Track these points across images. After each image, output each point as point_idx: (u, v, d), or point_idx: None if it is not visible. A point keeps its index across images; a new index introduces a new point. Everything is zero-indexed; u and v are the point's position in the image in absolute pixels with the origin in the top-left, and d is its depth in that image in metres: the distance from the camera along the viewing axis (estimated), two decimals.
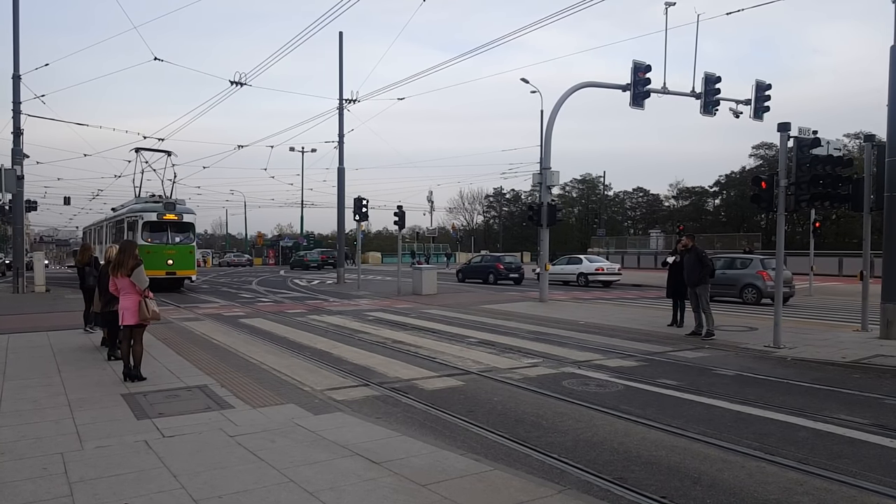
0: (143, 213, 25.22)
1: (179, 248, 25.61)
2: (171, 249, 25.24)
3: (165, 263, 24.85)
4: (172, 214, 25.63)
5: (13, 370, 8.97)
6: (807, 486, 5.01)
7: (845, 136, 59.58)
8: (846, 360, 10.29)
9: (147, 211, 25.50)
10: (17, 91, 24.20)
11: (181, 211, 26.24)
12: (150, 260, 21.17)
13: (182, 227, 26.15)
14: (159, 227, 25.47)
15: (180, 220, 25.91)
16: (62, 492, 4.53)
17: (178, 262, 25.38)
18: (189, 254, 25.99)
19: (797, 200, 11.67)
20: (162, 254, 24.76)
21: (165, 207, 25.64)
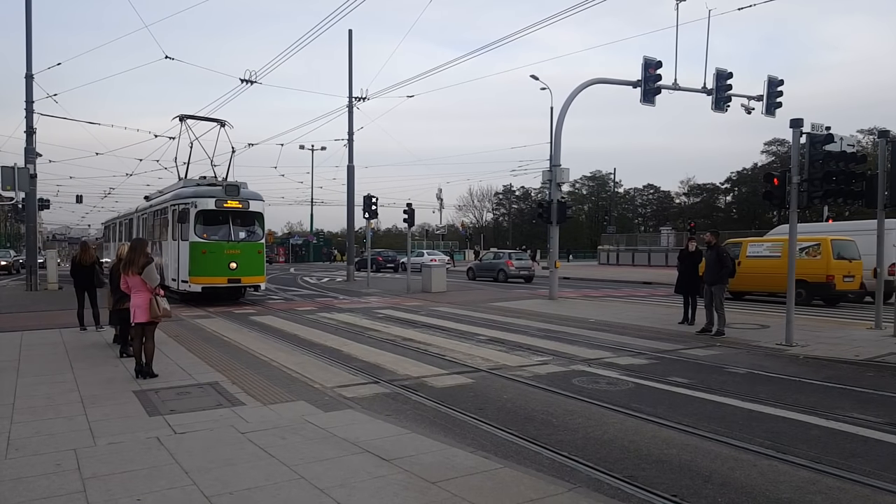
0: (196, 200, 18.74)
1: (245, 246, 19.05)
2: (233, 248, 18.71)
3: (227, 267, 18.44)
4: (235, 201, 19.17)
5: (27, 367, 9.05)
6: (819, 485, 4.97)
7: (859, 132, 59.17)
8: (860, 358, 10.20)
9: (202, 196, 18.95)
10: (29, 90, 24.39)
11: (247, 196, 19.58)
12: (206, 263, 18.53)
13: (248, 219, 19.70)
14: (218, 217, 19.21)
15: (246, 208, 19.34)
16: (75, 487, 4.56)
17: (243, 266, 18.79)
18: (257, 254, 19.39)
19: (810, 197, 11.58)
20: (222, 255, 18.55)
21: (226, 192, 19.07)
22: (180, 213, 19.17)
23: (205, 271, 18.44)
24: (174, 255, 19.58)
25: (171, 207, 20.26)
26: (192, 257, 18.54)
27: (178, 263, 19.14)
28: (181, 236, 19.08)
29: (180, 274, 19.11)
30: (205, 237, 18.72)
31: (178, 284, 19.29)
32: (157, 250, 21.50)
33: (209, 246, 18.62)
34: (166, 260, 20.56)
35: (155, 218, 22.90)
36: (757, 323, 14.49)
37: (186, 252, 18.69)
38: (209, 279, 18.51)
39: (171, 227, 20.04)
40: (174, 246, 19.69)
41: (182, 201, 19.35)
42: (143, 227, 25.20)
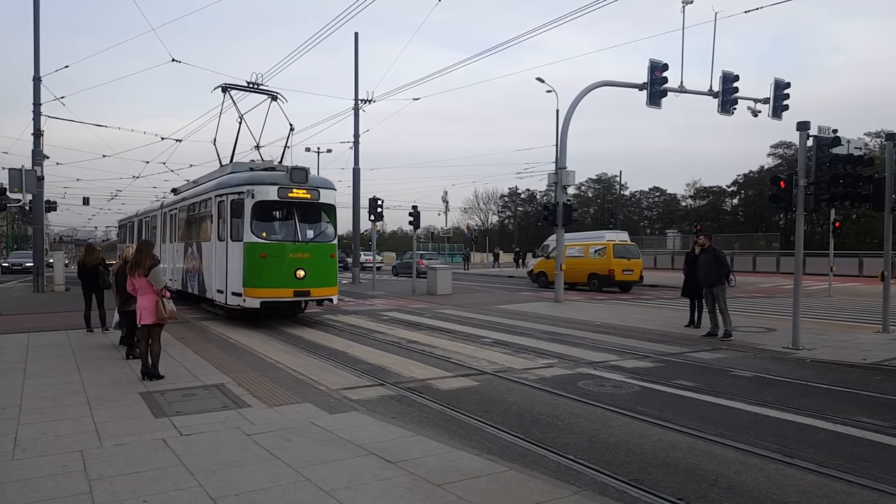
0: (253, 188, 14.18)
1: (315, 248, 14.53)
2: (301, 251, 14.25)
3: (293, 276, 14.03)
4: (303, 190, 14.53)
5: (34, 368, 9.08)
6: (826, 490, 4.95)
7: (866, 135, 58.91)
8: (867, 361, 10.16)
9: (261, 183, 14.32)
10: (37, 93, 24.47)
11: (317, 184, 15.02)
12: (266, 270, 13.88)
13: (318, 212, 15.18)
14: (281, 211, 15.16)
15: (315, 199, 14.81)
16: (82, 489, 4.58)
17: (312, 273, 14.28)
18: (329, 259, 14.94)
19: (817, 200, 11.54)
20: (286, 259, 14.07)
21: (292, 177, 14.46)
22: (231, 206, 14.53)
23: (265, 281, 13.92)
24: (219, 261, 15.04)
25: (215, 199, 15.48)
26: (249, 263, 13.93)
27: (227, 271, 14.50)
28: (231, 235, 14.48)
29: (230, 284, 14.42)
30: (264, 236, 14.13)
31: (225, 298, 14.66)
32: (191, 254, 17.85)
33: (271, 248, 14.01)
34: (206, 266, 16.25)
35: (190, 213, 18.32)
36: (763, 326, 14.44)
37: (239, 256, 14.10)
38: (271, 291, 13.94)
39: (216, 225, 15.40)
40: (219, 248, 15.03)
41: (232, 191, 14.60)
42: (171, 225, 20.78)
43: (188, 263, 18.00)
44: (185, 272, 18.48)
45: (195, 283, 17.27)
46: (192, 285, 17.73)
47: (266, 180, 14.35)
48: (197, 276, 16.97)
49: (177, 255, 19.61)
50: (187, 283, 18.14)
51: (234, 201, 14.52)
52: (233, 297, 14.36)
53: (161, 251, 20.68)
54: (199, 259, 16.81)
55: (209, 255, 15.94)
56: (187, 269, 18.18)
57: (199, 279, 16.82)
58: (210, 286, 15.75)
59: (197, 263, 17.02)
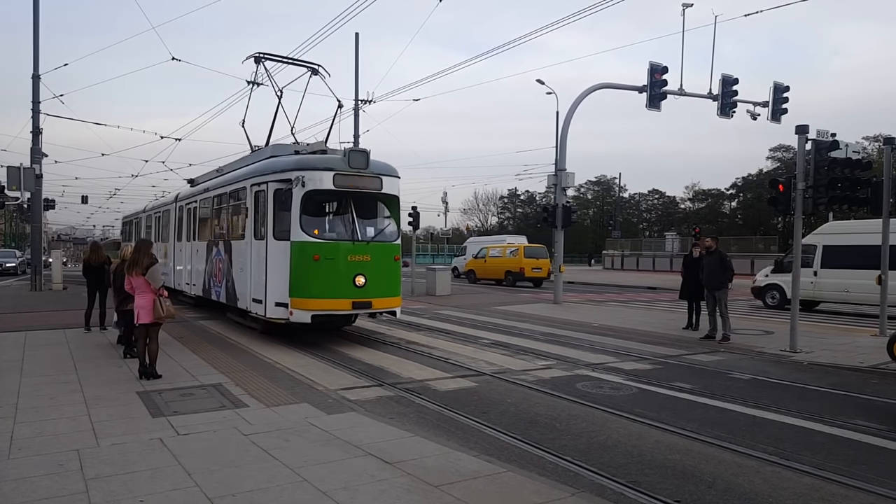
0: (304, 174, 11.45)
1: (377, 249, 11.86)
2: (361, 253, 11.61)
3: (352, 283, 11.41)
4: (364, 176, 11.87)
5: (31, 367, 9.07)
6: (823, 492, 4.95)
7: (864, 139, 58.97)
8: (864, 364, 10.17)
9: (312, 168, 11.60)
10: (36, 91, 24.45)
11: (380, 170, 12.18)
12: (319, 275, 11.24)
13: (380, 205, 12.73)
14: (337, 203, 12.66)
15: (378, 189, 12.10)
16: (78, 488, 4.57)
17: (374, 280, 11.67)
18: (393, 262, 12.31)
19: (815, 203, 11.56)
20: (343, 262, 11.46)
21: (350, 161, 11.68)
22: (274, 197, 11.81)
23: (318, 289, 11.23)
24: (255, 264, 12.23)
25: (251, 189, 12.63)
26: (297, 267, 11.27)
27: (267, 276, 11.73)
28: (273, 232, 11.76)
29: (271, 293, 11.66)
30: (316, 234, 11.53)
31: (264, 309, 11.80)
32: (217, 255, 14.72)
33: (325, 249, 11.33)
34: (237, 270, 13.28)
35: (216, 207, 15.38)
36: (761, 329, 14.45)
37: (284, 258, 11.41)
38: (325, 302, 11.25)
39: (252, 220, 12.58)
40: (257, 249, 12.21)
41: (276, 178, 11.81)
42: (189, 220, 17.91)
43: (212, 266, 15.02)
44: (208, 276, 15.47)
45: (221, 290, 14.28)
46: (216, 291, 14.66)
47: (320, 165, 11.50)
48: (225, 282, 14.04)
49: (197, 256, 16.58)
50: (211, 289, 15.16)
51: (277, 191, 11.73)
52: (275, 309, 11.54)
53: (175, 251, 19.26)
54: (228, 261, 13.83)
55: (242, 256, 12.99)
56: (211, 273, 15.12)
57: (227, 285, 13.86)
58: (243, 294, 12.86)
59: (224, 266, 14.12)
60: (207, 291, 15.58)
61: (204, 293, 15.97)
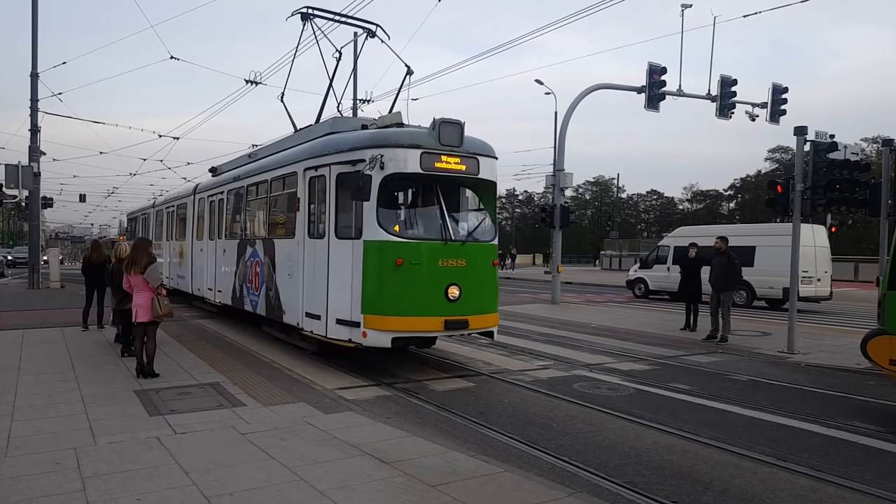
0: (383, 153, 8.75)
1: (473, 251, 9.25)
2: (454, 256, 9.05)
3: (444, 296, 8.82)
4: (456, 157, 9.17)
5: (28, 365, 9.05)
6: (820, 494, 4.96)
7: (863, 141, 59.07)
8: (861, 366, 10.17)
9: (394, 145, 8.92)
10: (34, 89, 24.40)
11: (475, 149, 9.48)
12: (402, 285, 8.75)
13: (473, 195, 10.12)
14: (422, 191, 9.92)
15: (474, 173, 9.43)
16: (75, 486, 4.56)
17: (470, 292, 9.04)
18: (491, 268, 9.67)
19: (813, 205, 11.58)
20: (433, 269, 8.88)
21: (440, 134, 8.99)
22: (338, 184, 9.29)
23: (402, 303, 8.74)
24: (311, 269, 9.75)
25: (304, 174, 10.07)
26: (374, 273, 8.78)
27: (329, 285, 9.28)
28: (335, 230, 9.26)
29: (334, 307, 9.18)
30: (397, 231, 8.88)
31: (324, 327, 9.32)
32: (252, 256, 12.28)
33: (410, 250, 8.73)
34: (283, 276, 10.72)
35: (250, 199, 12.91)
36: (759, 330, 14.46)
37: (353, 262, 8.87)
38: (410, 321, 8.75)
39: (305, 213, 10.04)
40: (313, 250, 9.73)
41: (340, 159, 9.24)
42: (212, 215, 15.48)
43: (246, 270, 12.57)
44: (239, 282, 12.97)
45: (259, 300, 11.79)
46: (251, 301, 12.21)
47: (404, 140, 8.84)
48: (264, 290, 11.51)
49: (224, 258, 14.07)
50: (243, 298, 12.68)
51: (342, 176, 9.15)
52: (338, 328, 9.04)
53: (194, 251, 16.94)
54: (270, 264, 11.28)
55: (290, 259, 10.39)
56: (245, 278, 12.63)
57: (267, 294, 11.34)
58: (291, 306, 10.32)
59: (264, 271, 11.56)
60: (238, 300, 12.94)
61: (233, 302, 13.30)
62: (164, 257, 20.23)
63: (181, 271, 18.47)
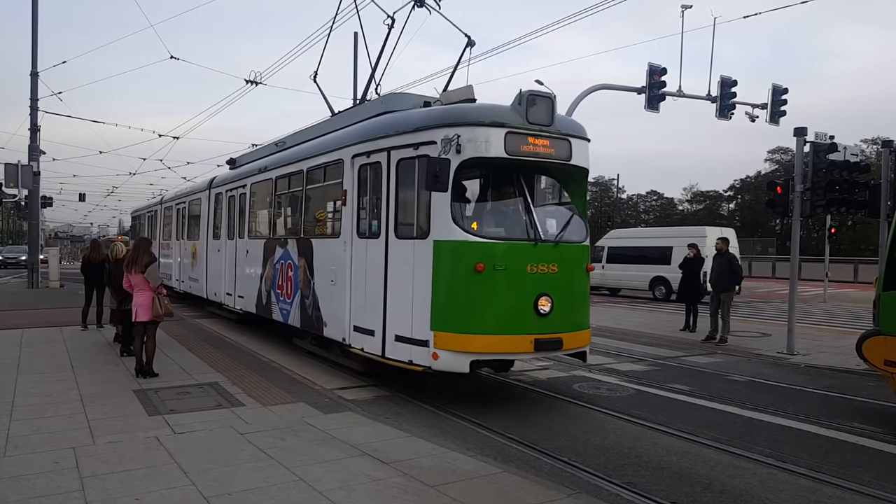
0: (460, 133, 7.08)
1: (565, 253, 7.53)
2: (546, 260, 7.27)
3: (533, 310, 7.11)
4: (544, 138, 7.39)
5: (27, 364, 9.05)
6: (819, 495, 4.96)
7: (863, 142, 59.03)
8: (860, 367, 10.16)
9: (473, 122, 7.17)
10: (34, 88, 24.38)
11: (568, 129, 7.73)
12: (484, 294, 7.13)
13: (563, 184, 8.30)
14: (506, 180, 7.87)
15: (566, 158, 7.61)
16: (74, 486, 4.56)
17: (562, 304, 7.30)
18: (584, 274, 7.83)
19: (813, 206, 11.58)
20: (521, 276, 7.14)
21: (528, 111, 7.25)
22: (398, 173, 7.79)
23: (484, 318, 7.19)
24: (361, 274, 8.31)
25: (354, 161, 8.56)
26: (449, 281, 7.23)
27: (387, 293, 7.79)
28: (394, 228, 7.79)
29: (393, 321, 7.71)
30: (474, 229, 7.41)
31: (381, 345, 7.84)
32: (283, 258, 10.76)
33: (494, 252, 7.19)
34: (324, 282, 9.20)
35: (281, 192, 11.48)
36: (758, 331, 14.47)
37: (423, 267, 7.36)
38: (495, 340, 7.21)
39: (355, 208, 8.55)
40: (363, 252, 8.30)
41: (402, 141, 7.74)
42: (231, 212, 13.99)
43: (275, 273, 11.07)
44: (266, 287, 11.48)
45: (292, 309, 10.25)
46: (282, 310, 10.69)
47: (485, 117, 7.20)
48: (298, 298, 10.02)
49: (247, 260, 12.62)
50: (271, 305, 11.20)
51: (404, 163, 7.65)
52: (398, 347, 7.53)
53: (209, 252, 15.39)
54: (306, 268, 9.76)
55: (334, 262, 8.87)
56: (273, 283, 11.14)
57: (302, 303, 9.86)
58: (335, 318, 8.82)
59: (298, 275, 10.06)
60: (265, 308, 11.51)
61: (258, 309, 11.83)
62: (173, 258, 19.39)
63: (194, 274, 16.85)
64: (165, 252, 20.43)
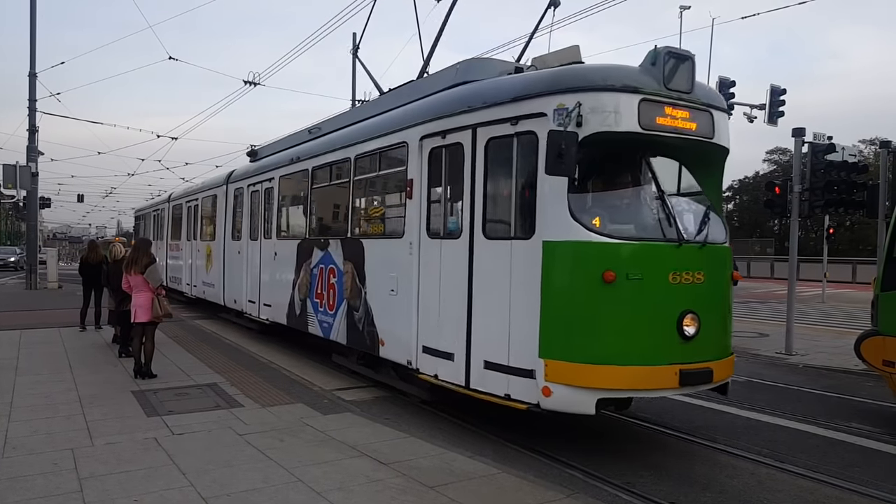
0: (584, 99, 5.49)
1: (710, 258, 5.89)
2: (691, 268, 5.66)
3: (676, 332, 5.49)
4: (683, 109, 5.81)
5: (26, 365, 9.04)
6: (818, 495, 4.97)
7: (861, 142, 58.94)
8: (859, 367, 10.17)
9: (599, 86, 5.59)
10: (32, 89, 24.35)
11: (707, 100, 6.09)
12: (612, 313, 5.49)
13: (703, 169, 6.35)
14: (627, 159, 6.26)
15: (708, 137, 5.99)
16: (72, 487, 4.55)
17: (709, 323, 5.67)
18: (730, 284, 6.24)
19: (811, 206, 11.60)
20: (660, 288, 5.53)
21: (667, 73, 5.70)
22: (488, 153, 6.22)
23: (615, 343, 5.52)
24: (430, 279, 6.86)
25: (423, 144, 7.05)
26: (563, 293, 5.62)
27: (472, 306, 6.25)
28: (483, 225, 6.24)
29: (480, 341, 6.19)
30: (597, 226, 5.67)
31: (462, 371, 6.34)
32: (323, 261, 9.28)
33: (628, 257, 5.57)
34: (380, 291, 7.82)
35: (319, 185, 9.85)
36: (756, 331, 14.48)
37: (526, 274, 5.72)
38: (628, 373, 5.47)
39: (423, 201, 7.03)
40: (439, 254, 6.76)
41: (495, 115, 6.13)
42: (256, 208, 12.46)
43: (311, 279, 9.62)
44: (300, 294, 10.03)
45: (335, 321, 8.81)
46: (322, 322, 9.24)
47: (613, 79, 5.69)
48: (344, 309, 8.54)
49: (276, 263, 11.15)
50: (307, 316, 9.71)
51: (496, 143, 6.16)
52: (489, 376, 6.10)
53: (227, 254, 13.96)
54: (355, 274, 8.27)
55: (393, 266, 7.45)
56: (309, 291, 9.68)
57: (350, 315, 8.39)
58: (396, 335, 7.39)
59: (343, 282, 8.57)
60: (298, 319, 10.04)
61: (289, 320, 10.42)
62: (183, 261, 18.19)
63: (209, 278, 15.23)
64: (174, 254, 19.44)
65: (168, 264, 19.91)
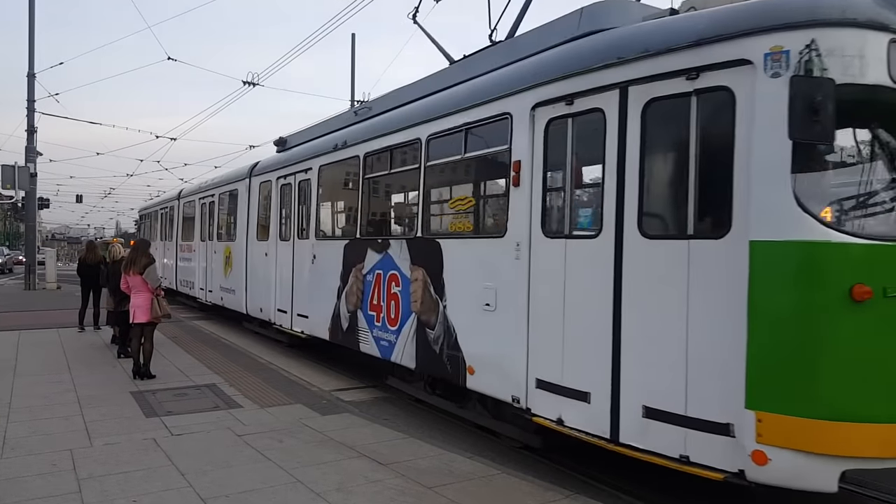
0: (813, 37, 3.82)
1: None
2: None
3: None
4: None
5: (24, 366, 9.03)
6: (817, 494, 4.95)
7: None
8: None
9: (834, 22, 3.83)
10: (31, 89, 24.34)
11: None
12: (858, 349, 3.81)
13: None
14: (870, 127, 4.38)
15: None
16: (71, 488, 4.55)
17: None
18: None
19: None
20: None
21: None
22: (643, 123, 4.59)
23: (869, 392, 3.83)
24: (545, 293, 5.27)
25: (535, 116, 5.47)
26: (786, 317, 3.91)
27: (623, 329, 4.62)
28: (639, 219, 4.59)
29: (636, 378, 4.51)
30: (828, 219, 4.05)
31: (605, 417, 4.69)
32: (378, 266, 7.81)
33: (886, 265, 3.90)
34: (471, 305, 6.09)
35: (375, 173, 8.34)
36: None
37: (722, 289, 4.10)
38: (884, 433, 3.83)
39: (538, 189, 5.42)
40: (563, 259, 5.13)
41: (662, 67, 4.46)
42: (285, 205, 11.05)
43: (364, 288, 8.14)
44: (347, 306, 8.56)
45: (399, 340, 7.31)
46: (380, 341, 7.74)
47: (856, 12, 3.93)
48: (414, 326, 7.03)
49: (315, 268, 9.66)
50: (359, 332, 8.27)
51: (659, 105, 4.58)
52: (654, 428, 4.43)
53: (249, 256, 12.62)
54: (429, 283, 6.81)
55: (488, 274, 5.94)
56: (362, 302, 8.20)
57: (422, 334, 6.89)
58: (496, 365, 5.80)
59: (411, 292, 7.11)
60: (346, 335, 8.62)
61: (332, 335, 9.03)
62: (196, 263, 16.48)
63: (228, 283, 13.63)
64: (186, 255, 17.79)
65: (179, 267, 18.57)
